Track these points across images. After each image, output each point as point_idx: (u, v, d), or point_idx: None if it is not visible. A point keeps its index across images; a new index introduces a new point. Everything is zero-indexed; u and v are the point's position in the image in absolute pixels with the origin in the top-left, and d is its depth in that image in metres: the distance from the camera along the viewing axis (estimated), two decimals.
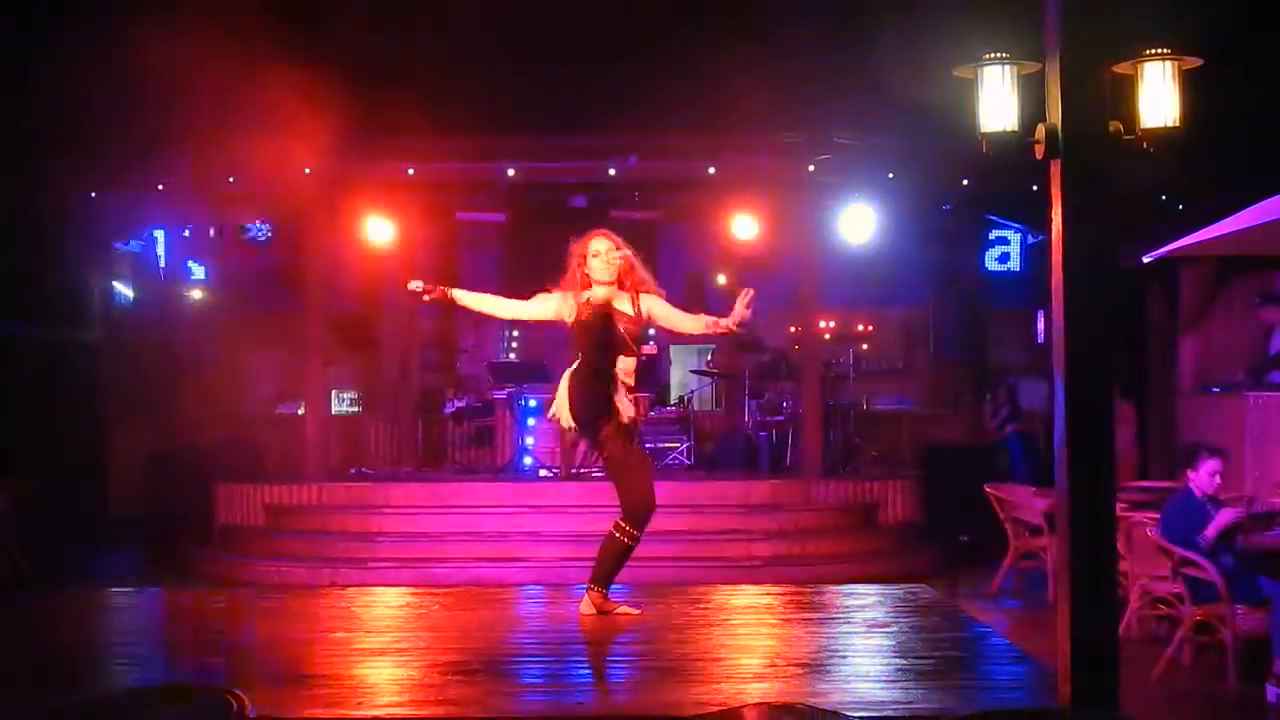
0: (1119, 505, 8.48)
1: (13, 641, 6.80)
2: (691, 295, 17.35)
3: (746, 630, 6.87)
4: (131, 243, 16.27)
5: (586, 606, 6.98)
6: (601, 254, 6.94)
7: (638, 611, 6.99)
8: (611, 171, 13.55)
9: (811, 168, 13.35)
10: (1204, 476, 8.76)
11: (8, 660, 6.12)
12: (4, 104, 10.55)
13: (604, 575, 6.99)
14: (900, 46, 9.55)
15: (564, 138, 13.21)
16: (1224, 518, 8.50)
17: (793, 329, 16.04)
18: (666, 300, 7.12)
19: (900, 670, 5.80)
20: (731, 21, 11.31)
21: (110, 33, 9.64)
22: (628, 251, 7.00)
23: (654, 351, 15.97)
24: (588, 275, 6.96)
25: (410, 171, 13.34)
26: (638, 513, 6.90)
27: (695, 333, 7.14)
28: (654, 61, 11.86)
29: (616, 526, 6.94)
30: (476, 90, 12.02)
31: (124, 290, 16.44)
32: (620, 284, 6.99)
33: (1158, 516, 8.81)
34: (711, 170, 13.52)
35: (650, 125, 12.76)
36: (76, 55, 9.99)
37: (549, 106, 12.35)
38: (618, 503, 6.98)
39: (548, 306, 7.02)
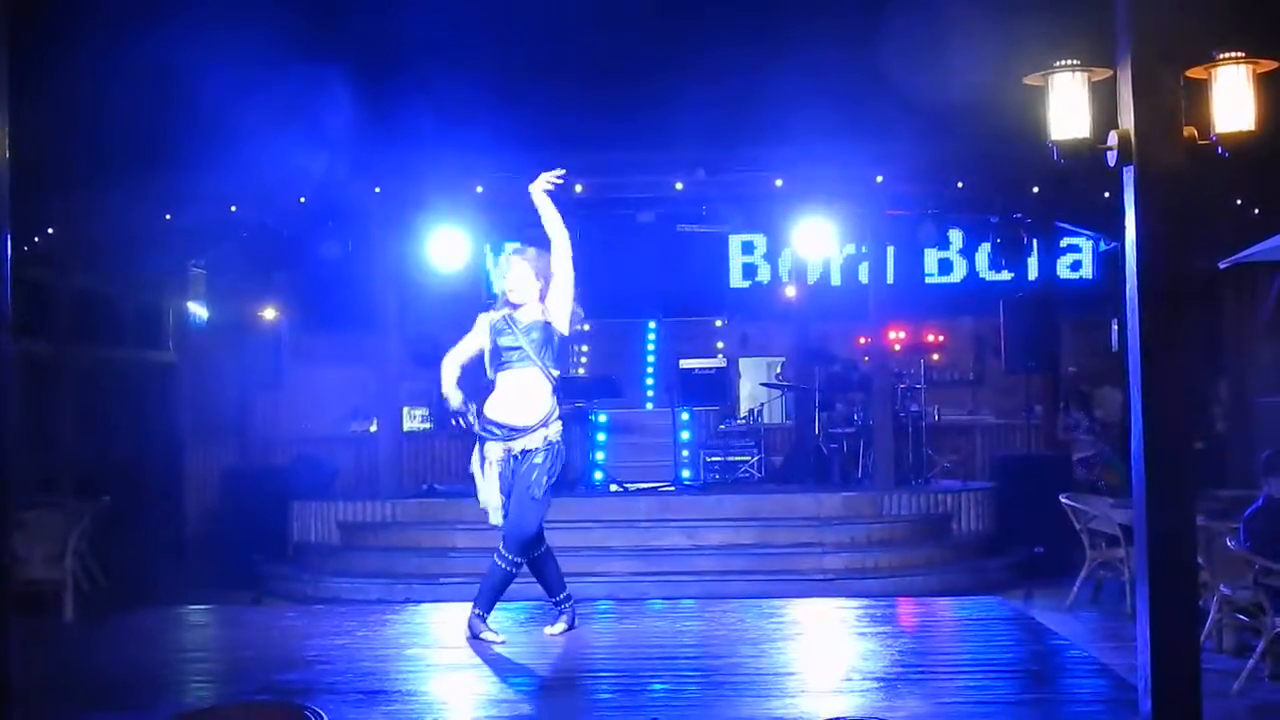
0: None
1: (93, 659, 6.89)
2: (761, 304, 17.36)
3: (821, 644, 6.84)
4: (206, 263, 16.44)
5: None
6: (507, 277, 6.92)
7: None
8: (679, 186, 13.52)
9: (880, 178, 13.28)
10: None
11: (89, 678, 6.21)
12: (79, 128, 10.71)
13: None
14: (969, 53, 9.47)
15: (631, 153, 13.19)
16: None
17: (863, 340, 15.96)
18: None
19: (979, 684, 5.76)
20: (796, 32, 11.27)
21: (179, 58, 9.76)
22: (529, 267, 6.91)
23: (722, 364, 15.95)
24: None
25: (479, 189, 13.37)
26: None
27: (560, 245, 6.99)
28: (719, 74, 11.85)
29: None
30: (543, 107, 12.06)
31: (199, 310, 16.63)
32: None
33: (1237, 526, 8.67)
34: (779, 182, 13.46)
35: (717, 138, 12.71)
36: (148, 82, 10.13)
37: (616, 122, 12.34)
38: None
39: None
